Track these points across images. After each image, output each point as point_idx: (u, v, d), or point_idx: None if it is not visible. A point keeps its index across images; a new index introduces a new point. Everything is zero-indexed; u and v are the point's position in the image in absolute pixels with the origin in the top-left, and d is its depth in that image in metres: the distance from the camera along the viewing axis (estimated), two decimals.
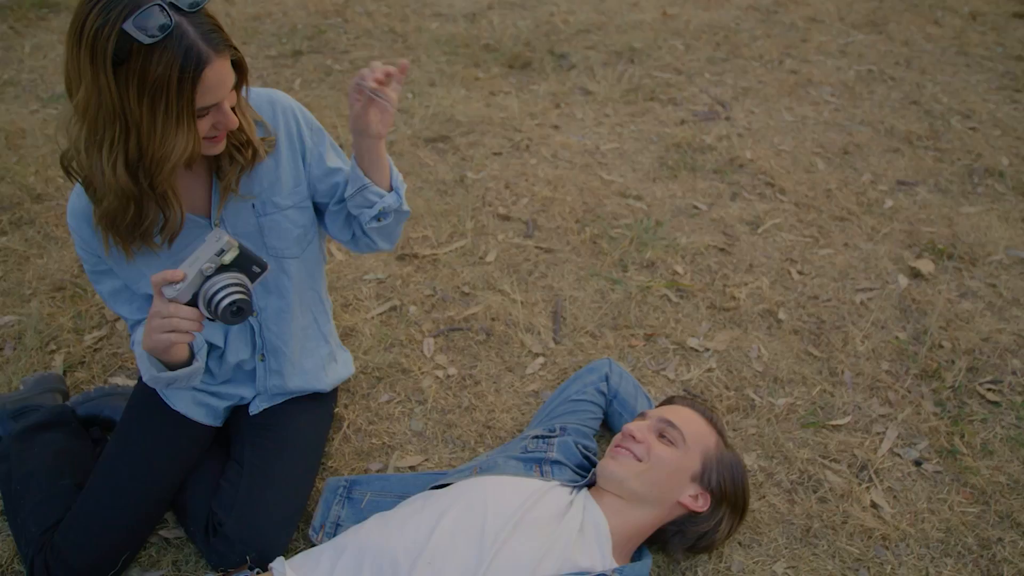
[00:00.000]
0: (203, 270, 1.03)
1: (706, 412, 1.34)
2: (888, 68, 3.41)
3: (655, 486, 1.23)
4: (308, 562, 1.14)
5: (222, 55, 1.01)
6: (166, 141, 1.01)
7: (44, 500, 1.33)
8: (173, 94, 0.97)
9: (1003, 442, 1.58)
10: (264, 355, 1.40)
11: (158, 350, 1.10)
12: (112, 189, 1.05)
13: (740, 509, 1.30)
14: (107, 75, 0.95)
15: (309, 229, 1.35)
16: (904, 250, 2.17)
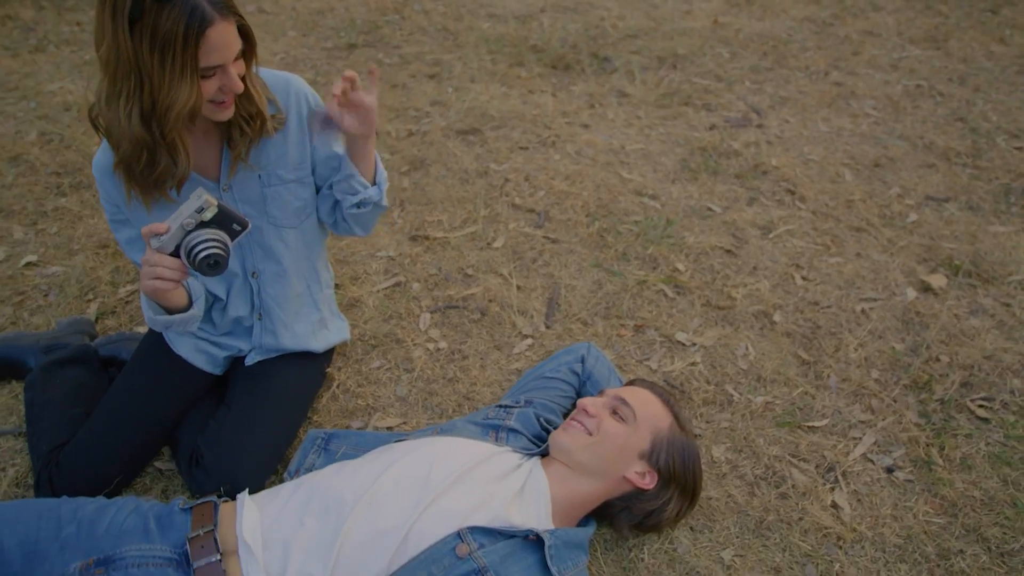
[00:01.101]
0: (184, 225, 1.13)
1: (664, 395, 1.38)
2: (939, 84, 3.31)
3: (601, 459, 1.28)
4: (268, 495, 1.24)
5: (226, 19, 1.11)
6: (172, 91, 1.12)
7: (56, 424, 1.48)
8: (179, 47, 1.08)
9: (985, 458, 1.55)
10: (261, 314, 1.52)
11: (150, 294, 1.22)
12: (127, 137, 1.17)
13: (689, 492, 1.33)
14: (124, 31, 1.07)
15: (309, 204, 1.46)
16: (918, 264, 2.13)
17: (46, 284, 2.03)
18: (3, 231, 2.24)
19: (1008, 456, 1.55)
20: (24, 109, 3.00)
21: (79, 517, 1.17)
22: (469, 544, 1.11)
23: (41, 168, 2.57)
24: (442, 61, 3.56)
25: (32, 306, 1.96)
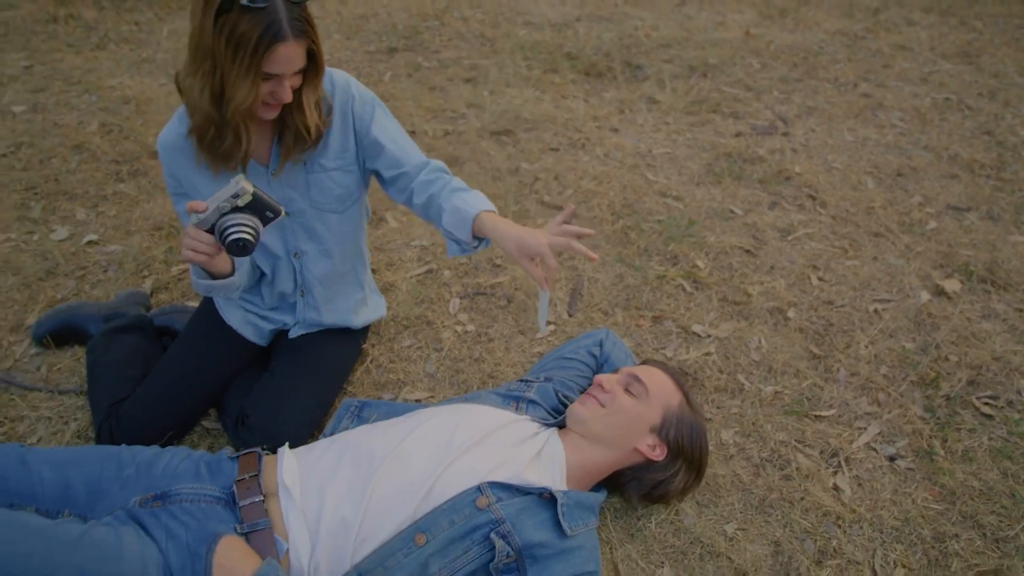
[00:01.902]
0: (220, 207, 1.23)
1: (675, 376, 1.46)
2: (969, 98, 3.35)
3: (614, 430, 1.37)
4: (305, 450, 1.36)
5: (298, 40, 1.23)
6: (235, 85, 1.25)
7: (116, 382, 1.62)
8: (249, 51, 1.21)
9: (986, 452, 1.61)
10: (304, 292, 1.65)
11: (187, 262, 1.35)
12: (199, 110, 1.30)
13: (696, 466, 1.42)
14: (209, 19, 1.19)
15: (353, 191, 1.57)
16: (934, 269, 2.18)
17: (105, 261, 2.19)
18: (67, 212, 2.42)
19: (1010, 451, 1.60)
20: (86, 102, 3.21)
21: (137, 460, 1.30)
22: (488, 497, 1.21)
23: (102, 156, 2.75)
24: (479, 66, 3.69)
25: (93, 280, 2.12)
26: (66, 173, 2.64)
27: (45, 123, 3.01)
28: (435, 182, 1.47)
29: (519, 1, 4.79)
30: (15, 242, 2.26)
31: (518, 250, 1.31)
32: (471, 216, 1.37)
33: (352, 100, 1.47)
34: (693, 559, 1.38)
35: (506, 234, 1.33)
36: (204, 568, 1.09)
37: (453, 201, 1.40)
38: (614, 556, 1.38)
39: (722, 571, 1.36)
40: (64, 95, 3.27)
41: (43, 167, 2.68)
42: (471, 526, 1.19)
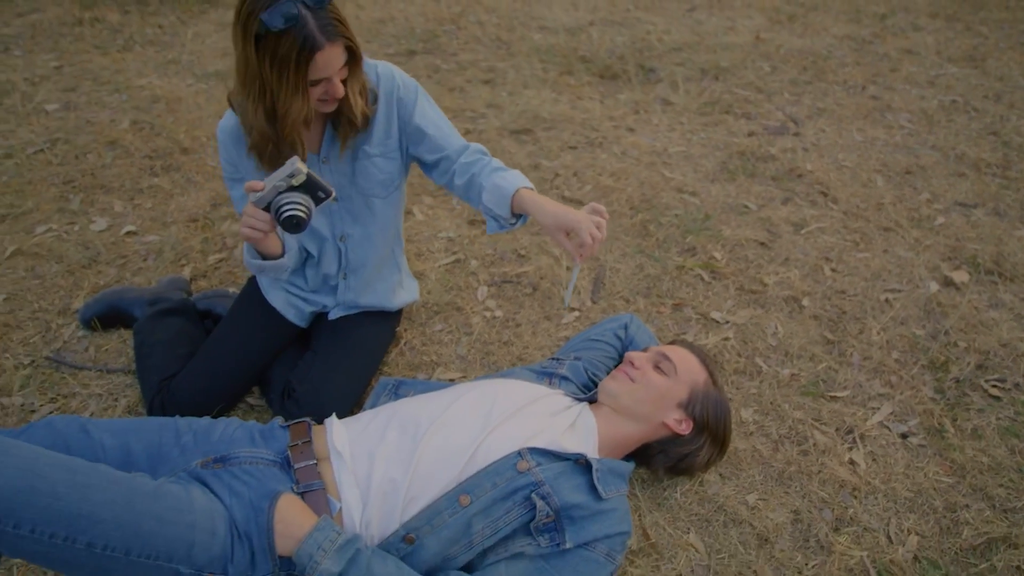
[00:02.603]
0: (276, 186, 1.31)
1: (702, 354, 1.54)
2: (975, 100, 3.43)
3: (643, 404, 1.45)
4: (351, 420, 1.44)
5: (334, 43, 1.30)
6: (287, 102, 1.33)
7: (165, 360, 1.71)
8: (292, 68, 1.29)
9: (995, 430, 1.68)
10: (346, 274, 1.74)
11: (244, 240, 1.43)
12: (255, 128, 1.40)
13: (720, 441, 1.49)
14: (251, 48, 1.28)
15: (395, 177, 1.66)
16: (943, 262, 2.26)
17: (144, 250, 2.28)
18: (105, 204, 2.51)
19: (1017, 429, 1.68)
20: (117, 101, 3.31)
21: (194, 428, 1.38)
22: (528, 461, 1.29)
23: (135, 152, 2.85)
24: (496, 68, 3.78)
25: (134, 268, 2.21)
26: (101, 168, 2.73)
27: (78, 120, 3.11)
28: (475, 163, 1.56)
29: (533, 6, 4.89)
30: (56, 232, 2.36)
31: (555, 224, 1.40)
32: (510, 193, 1.45)
33: (396, 89, 1.55)
34: (717, 526, 1.46)
35: (544, 209, 1.41)
36: (266, 522, 1.17)
37: (493, 179, 1.48)
38: (643, 522, 1.46)
39: (745, 537, 1.44)
40: (95, 94, 3.37)
41: (79, 162, 2.77)
42: (513, 488, 1.27)
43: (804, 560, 1.39)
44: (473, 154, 1.59)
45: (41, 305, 2.04)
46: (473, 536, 1.25)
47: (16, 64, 3.73)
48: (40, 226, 2.38)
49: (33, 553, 0.98)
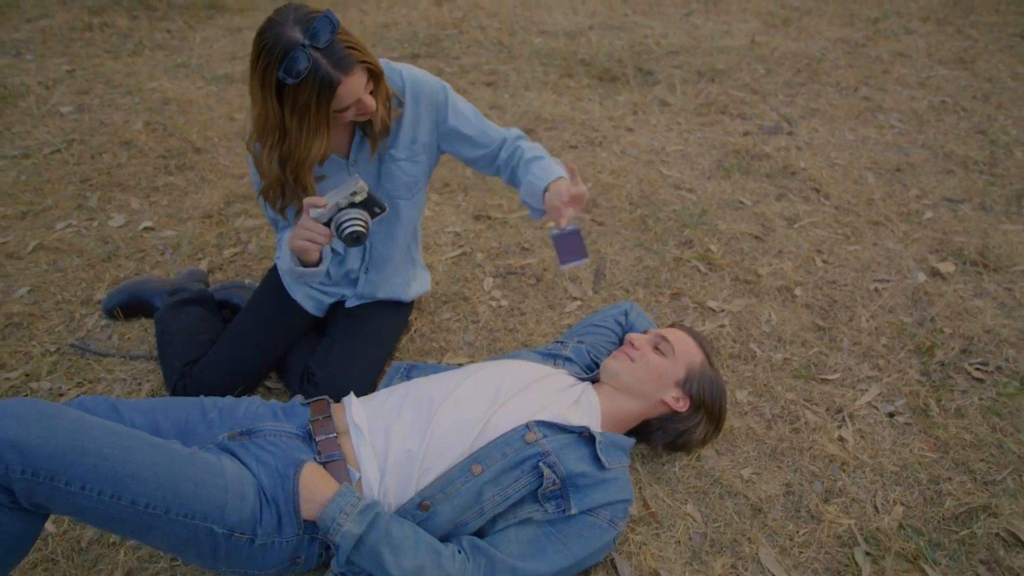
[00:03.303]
0: (339, 203, 1.41)
1: (699, 338, 1.63)
2: (964, 101, 3.53)
3: (642, 383, 1.53)
4: (367, 398, 1.52)
5: (351, 72, 1.35)
6: (307, 145, 1.41)
7: (187, 346, 1.79)
8: (313, 111, 1.36)
9: (977, 410, 1.77)
10: (368, 269, 1.82)
11: (297, 251, 1.51)
12: (269, 174, 1.47)
13: (716, 418, 1.58)
14: (272, 100, 1.35)
15: (419, 179, 1.73)
16: (930, 254, 2.35)
17: (162, 244, 2.37)
18: (122, 201, 2.60)
19: (998, 409, 1.77)
20: (130, 103, 3.40)
21: (219, 406, 1.46)
22: (536, 433, 1.38)
23: (149, 152, 2.94)
24: (498, 71, 3.88)
25: (152, 261, 2.29)
26: (117, 167, 2.82)
27: (92, 122, 3.20)
28: (513, 156, 1.64)
29: (533, 11, 4.99)
30: (76, 228, 2.44)
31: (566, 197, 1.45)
32: (541, 189, 1.53)
33: (425, 93, 1.60)
34: (714, 497, 1.54)
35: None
36: (292, 487, 1.25)
37: (528, 176, 1.56)
38: (643, 494, 1.54)
39: (740, 507, 1.52)
40: (108, 96, 3.47)
41: (95, 162, 2.86)
42: (521, 457, 1.35)
43: (795, 528, 1.48)
44: (511, 146, 1.66)
45: (64, 296, 2.12)
46: (484, 503, 1.33)
47: (29, 68, 3.82)
48: (60, 222, 2.46)
49: (82, 509, 1.06)
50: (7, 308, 2.05)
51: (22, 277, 2.19)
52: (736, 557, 1.42)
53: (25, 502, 1.04)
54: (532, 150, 1.64)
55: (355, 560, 1.24)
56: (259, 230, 2.45)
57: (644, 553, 1.42)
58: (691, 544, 1.44)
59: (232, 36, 4.43)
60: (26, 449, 1.00)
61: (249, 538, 1.20)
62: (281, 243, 1.69)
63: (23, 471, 1.00)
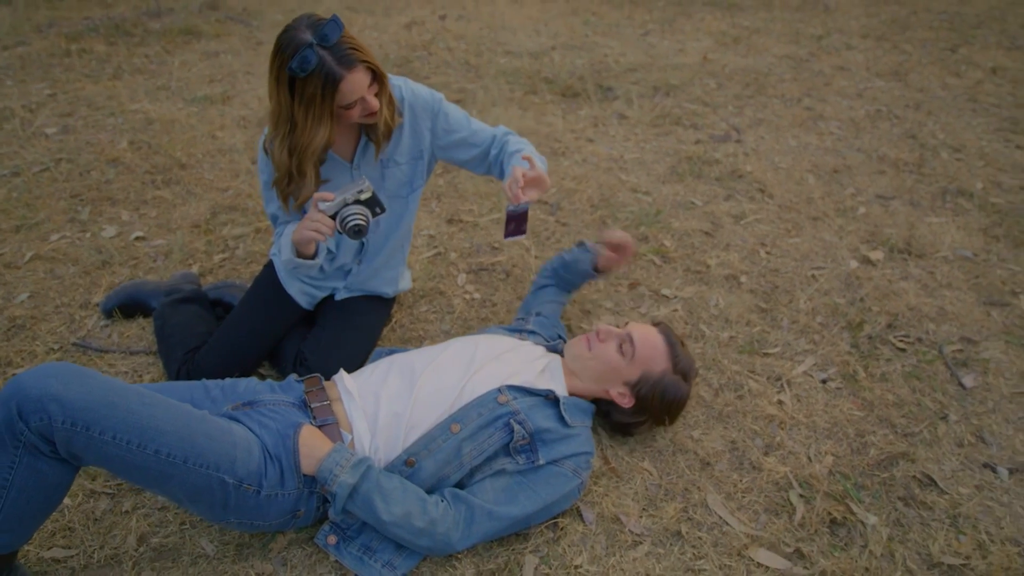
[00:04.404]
0: (346, 199, 1.59)
1: (671, 339, 1.71)
2: (897, 109, 3.83)
3: (590, 372, 1.67)
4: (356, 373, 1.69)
5: (354, 69, 1.52)
6: (311, 133, 1.58)
7: (186, 337, 1.94)
8: (318, 103, 1.53)
9: (899, 375, 1.99)
10: (361, 260, 1.99)
11: (301, 241, 1.66)
12: (281, 165, 1.65)
13: (660, 419, 1.69)
14: (285, 93, 1.53)
15: (416, 182, 1.91)
16: (862, 244, 2.60)
17: (154, 252, 2.52)
18: (112, 214, 2.74)
19: (918, 373, 1.99)
20: (113, 124, 3.54)
21: (221, 385, 1.62)
22: (507, 395, 1.56)
23: (136, 168, 3.09)
24: (466, 89, 4.10)
25: (145, 268, 2.44)
26: (105, 183, 2.96)
27: (78, 142, 3.33)
28: (501, 151, 1.82)
29: (499, 33, 5.25)
30: (69, 239, 2.58)
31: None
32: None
33: (422, 102, 1.79)
34: (667, 454, 1.73)
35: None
36: (292, 444, 1.42)
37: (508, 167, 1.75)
38: (605, 453, 1.73)
39: (690, 461, 1.71)
40: (91, 118, 3.61)
41: (83, 178, 3.00)
42: (495, 416, 1.53)
43: (739, 477, 1.67)
44: (500, 142, 1.84)
45: (63, 301, 2.26)
46: (463, 457, 1.51)
47: (10, 92, 3.95)
48: (54, 234, 2.60)
49: (111, 457, 1.21)
50: (9, 312, 2.18)
51: (21, 284, 2.32)
52: (687, 503, 1.61)
53: (63, 451, 1.19)
54: (517, 144, 1.81)
55: (350, 508, 1.41)
56: (245, 237, 2.61)
57: (606, 502, 1.60)
58: (647, 493, 1.63)
59: (209, 60, 4.60)
60: (66, 402, 1.16)
61: (255, 490, 1.36)
62: (280, 237, 1.86)
63: (63, 421, 1.15)
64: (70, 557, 1.48)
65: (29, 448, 1.18)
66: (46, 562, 1.47)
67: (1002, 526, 1.56)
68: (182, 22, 5.39)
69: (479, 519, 1.46)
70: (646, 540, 1.51)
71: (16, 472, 1.19)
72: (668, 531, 1.54)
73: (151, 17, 5.59)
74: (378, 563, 1.44)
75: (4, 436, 1.17)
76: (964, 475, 1.68)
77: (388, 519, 1.39)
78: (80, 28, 5.23)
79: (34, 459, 1.19)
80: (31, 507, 1.24)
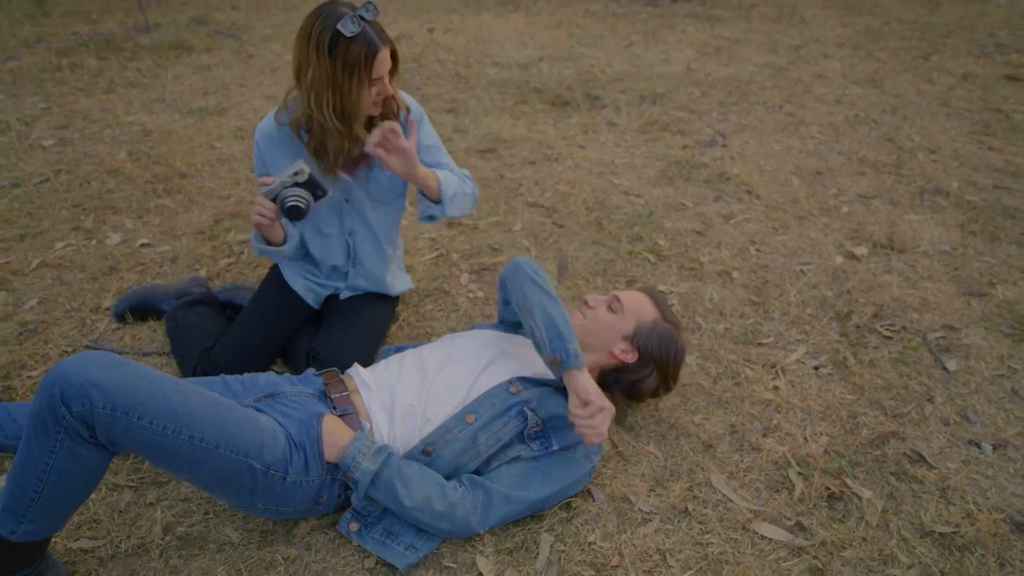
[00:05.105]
0: (283, 181, 1.64)
1: (655, 296, 1.81)
2: (874, 114, 3.98)
3: (592, 336, 1.75)
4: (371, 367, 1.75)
5: (386, 46, 1.64)
6: (357, 97, 1.65)
7: (201, 337, 1.99)
8: (361, 67, 1.61)
9: (887, 361, 2.09)
10: (355, 263, 2.06)
11: (254, 226, 1.74)
12: (331, 131, 1.69)
13: (666, 369, 1.79)
14: (324, 58, 1.59)
15: (399, 187, 1.98)
16: (847, 240, 2.71)
17: (160, 258, 2.57)
18: (116, 223, 2.79)
19: (904, 359, 2.09)
20: (110, 135, 3.58)
21: (240, 379, 1.67)
22: (518, 386, 1.62)
23: (136, 178, 3.13)
24: (458, 99, 4.19)
25: (152, 273, 2.48)
26: (106, 193, 3.01)
27: (76, 154, 3.37)
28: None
29: (486, 46, 5.35)
30: (75, 247, 2.62)
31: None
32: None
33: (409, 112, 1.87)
34: (671, 438, 1.81)
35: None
36: (316, 433, 1.48)
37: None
38: (612, 438, 1.80)
39: (693, 444, 1.79)
40: (88, 130, 3.65)
41: (84, 189, 3.04)
42: (508, 405, 1.59)
43: (740, 458, 1.76)
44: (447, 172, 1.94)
45: (73, 306, 2.30)
46: (479, 446, 1.57)
47: (4, 106, 3.97)
48: (59, 242, 2.64)
49: (148, 442, 1.26)
50: (20, 317, 2.22)
51: (30, 291, 2.36)
52: (692, 482, 1.69)
53: (102, 436, 1.24)
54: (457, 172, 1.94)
55: (372, 494, 1.46)
56: (249, 243, 2.66)
57: (615, 483, 1.67)
58: (654, 474, 1.71)
59: (202, 73, 4.65)
60: (106, 388, 1.21)
61: (281, 476, 1.42)
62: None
63: (104, 406, 1.21)
64: (98, 547, 1.52)
65: (70, 432, 1.23)
66: (74, 552, 1.51)
67: (988, 496, 1.65)
68: (172, 37, 5.44)
69: (496, 503, 1.52)
70: (655, 517, 1.59)
71: (56, 456, 1.24)
72: (675, 509, 1.61)
73: (140, 32, 5.64)
74: (400, 546, 1.49)
75: (46, 420, 1.22)
76: (951, 451, 1.78)
77: (409, 504, 1.45)
78: (70, 43, 5.26)
79: (74, 443, 1.24)
80: (68, 492, 1.29)
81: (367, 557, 1.50)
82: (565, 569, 1.47)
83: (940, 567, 1.48)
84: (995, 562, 1.49)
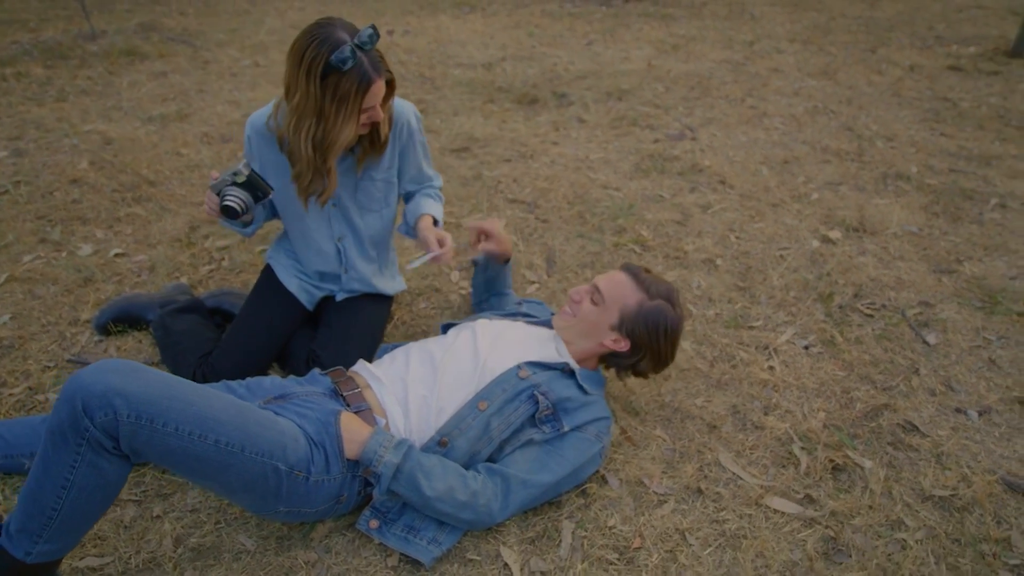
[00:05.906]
0: (224, 179, 1.62)
1: (635, 273, 1.77)
2: (832, 105, 4.12)
3: (582, 332, 1.74)
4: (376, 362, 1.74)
5: (381, 77, 1.60)
6: (341, 129, 1.61)
7: (196, 343, 1.94)
8: (351, 100, 1.57)
9: (871, 337, 2.17)
10: (347, 268, 2.03)
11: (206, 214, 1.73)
12: (302, 158, 1.67)
13: (658, 350, 1.74)
14: (315, 86, 1.55)
15: (389, 196, 1.97)
16: (820, 225, 2.81)
17: (137, 268, 2.49)
18: (86, 233, 2.69)
19: (887, 335, 2.18)
20: (68, 144, 3.46)
21: (245, 383, 1.64)
22: (526, 371, 1.63)
23: (102, 187, 3.03)
24: (426, 100, 4.18)
25: (130, 283, 2.41)
26: (71, 203, 2.90)
27: (34, 164, 3.24)
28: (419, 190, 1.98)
29: (447, 47, 5.35)
30: (44, 259, 2.52)
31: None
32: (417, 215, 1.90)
33: (408, 122, 1.86)
34: (676, 421, 1.85)
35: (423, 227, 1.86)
36: (335, 431, 1.46)
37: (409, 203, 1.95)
38: (620, 424, 1.82)
39: (698, 426, 1.83)
40: (43, 140, 3.51)
41: (47, 200, 2.92)
42: (518, 390, 1.60)
43: (744, 437, 1.80)
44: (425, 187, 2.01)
45: (48, 320, 2.21)
46: (492, 432, 1.57)
47: None
48: (26, 255, 2.53)
49: (173, 450, 1.22)
50: None
51: (0, 307, 2.26)
52: (702, 463, 1.72)
53: (125, 446, 1.20)
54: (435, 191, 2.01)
55: (394, 488, 1.45)
56: (231, 248, 2.61)
57: (628, 468, 1.70)
58: (664, 457, 1.74)
59: (158, 80, 4.53)
60: (130, 396, 1.17)
61: (305, 476, 1.39)
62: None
63: (128, 415, 1.17)
64: (106, 565, 1.47)
65: (92, 444, 1.18)
66: (82, 572, 1.45)
67: (979, 460, 1.73)
68: (122, 44, 5.27)
69: (515, 488, 1.53)
70: (670, 499, 1.62)
71: (77, 471, 1.20)
72: (689, 489, 1.64)
73: (87, 40, 5.45)
74: (423, 540, 1.49)
75: (67, 434, 1.17)
76: (940, 419, 1.86)
77: (432, 495, 1.45)
78: (12, 52, 5.06)
79: (96, 456, 1.20)
80: (87, 508, 1.24)
81: (389, 556, 1.48)
82: (589, 554, 1.48)
83: (944, 528, 1.55)
84: (992, 520, 1.57)
